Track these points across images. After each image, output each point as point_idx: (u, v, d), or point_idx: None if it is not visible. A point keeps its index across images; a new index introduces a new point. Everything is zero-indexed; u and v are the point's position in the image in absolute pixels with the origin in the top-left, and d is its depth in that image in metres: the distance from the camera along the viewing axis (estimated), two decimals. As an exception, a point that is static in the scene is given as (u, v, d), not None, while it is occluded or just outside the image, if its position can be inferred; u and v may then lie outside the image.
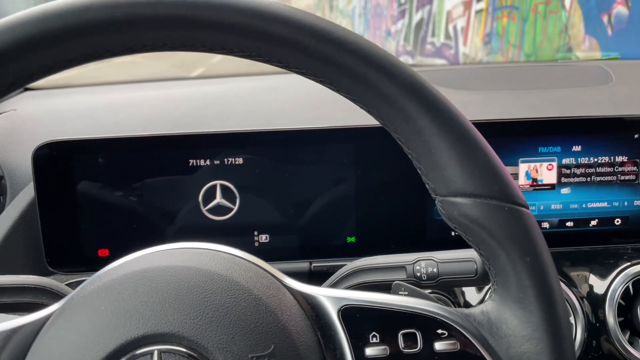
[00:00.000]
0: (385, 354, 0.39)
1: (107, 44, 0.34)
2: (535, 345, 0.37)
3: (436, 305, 0.40)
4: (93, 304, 0.37)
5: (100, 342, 0.35)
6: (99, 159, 0.69)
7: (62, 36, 0.33)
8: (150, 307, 0.36)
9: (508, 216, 0.37)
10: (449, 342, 0.39)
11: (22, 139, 0.80)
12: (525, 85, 0.90)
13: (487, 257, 0.38)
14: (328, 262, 0.73)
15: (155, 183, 0.70)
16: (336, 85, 0.37)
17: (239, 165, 0.70)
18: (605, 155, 0.73)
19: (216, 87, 0.98)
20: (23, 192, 0.74)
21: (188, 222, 0.71)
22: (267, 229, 0.72)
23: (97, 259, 0.70)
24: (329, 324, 0.40)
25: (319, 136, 0.71)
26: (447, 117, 0.37)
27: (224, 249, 0.42)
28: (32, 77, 0.34)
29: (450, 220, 0.38)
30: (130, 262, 0.41)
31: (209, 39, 0.35)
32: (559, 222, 0.74)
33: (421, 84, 0.36)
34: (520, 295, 0.37)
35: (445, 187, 0.37)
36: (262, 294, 0.38)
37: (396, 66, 0.36)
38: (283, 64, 0.37)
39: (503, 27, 2.80)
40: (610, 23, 1.81)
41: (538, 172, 0.73)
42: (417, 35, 4.28)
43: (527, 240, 0.37)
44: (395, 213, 0.73)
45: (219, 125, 0.79)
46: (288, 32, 0.35)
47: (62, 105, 0.92)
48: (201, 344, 0.35)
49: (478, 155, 0.37)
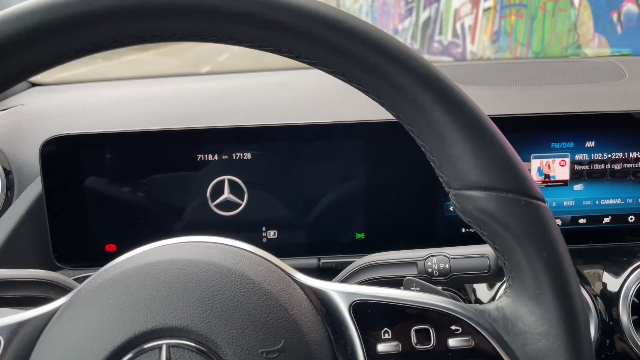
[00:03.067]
0: (397, 350, 0.39)
1: (116, 34, 0.34)
2: (553, 343, 0.36)
3: (450, 301, 0.39)
4: (100, 297, 0.36)
5: (107, 335, 0.34)
6: (106, 153, 0.69)
7: (70, 25, 0.32)
8: (159, 300, 0.35)
9: (524, 210, 0.36)
10: (463, 339, 0.38)
11: (30, 134, 0.79)
12: (536, 81, 0.89)
13: (502, 252, 0.38)
14: (337, 258, 0.72)
15: (163, 178, 0.70)
16: (347, 76, 0.36)
17: (247, 160, 0.70)
18: (619, 151, 0.72)
19: (225, 83, 0.97)
20: (30, 187, 0.73)
21: (196, 218, 0.71)
22: (276, 224, 0.72)
23: (105, 254, 0.70)
24: (340, 320, 0.39)
25: (328, 131, 0.70)
26: (462, 109, 0.36)
27: (233, 243, 0.42)
28: (40, 67, 0.34)
29: (465, 214, 0.38)
30: (138, 255, 0.40)
31: (219, 29, 0.34)
32: (571, 219, 0.73)
33: (435, 75, 0.36)
34: (536, 291, 0.36)
35: (459, 180, 0.37)
36: (272, 289, 0.38)
37: (410, 56, 0.35)
38: (293, 54, 0.36)
39: (511, 25, 2.79)
40: (620, 21, 1.80)
41: (550, 168, 0.72)
42: (425, 33, 4.27)
43: (544, 235, 0.36)
44: (405, 209, 0.72)
45: (227, 120, 0.79)
46: (298, 21, 0.34)
47: (70, 100, 0.92)
48: (210, 339, 0.34)
49: (494, 148, 0.36)
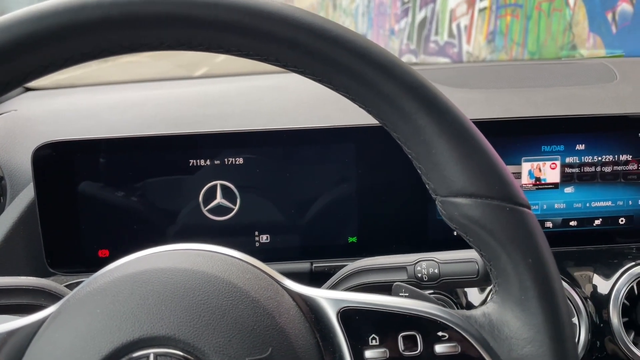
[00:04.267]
0: (385, 356, 0.39)
1: (104, 43, 0.34)
2: (537, 348, 0.36)
3: (437, 307, 0.40)
4: (88, 306, 0.37)
5: (95, 345, 0.34)
6: (99, 159, 0.69)
7: (58, 35, 0.32)
8: (146, 309, 0.35)
9: (509, 217, 0.36)
10: (450, 345, 0.38)
11: (23, 140, 0.79)
12: (528, 84, 0.90)
13: (488, 258, 0.38)
14: (329, 262, 0.72)
15: (156, 183, 0.70)
16: (335, 84, 0.37)
17: (239, 165, 0.70)
18: (610, 153, 0.72)
19: (218, 87, 0.97)
20: (23, 193, 0.73)
21: (188, 223, 0.71)
22: (268, 229, 0.72)
23: (98, 260, 0.70)
24: (328, 326, 0.39)
25: (320, 135, 0.70)
26: (447, 116, 0.36)
27: (221, 250, 0.42)
28: (29, 77, 0.34)
29: (451, 220, 0.38)
30: (127, 264, 0.40)
31: (207, 38, 0.35)
32: (562, 222, 0.73)
33: (420, 82, 0.36)
34: (521, 297, 0.37)
35: (445, 187, 0.37)
36: (260, 296, 0.38)
37: (395, 64, 0.36)
38: (281, 63, 0.36)
39: (507, 25, 2.79)
40: (614, 20, 1.80)
41: (541, 171, 0.72)
42: (421, 33, 4.27)
43: (529, 241, 0.37)
44: (397, 213, 0.72)
45: (220, 125, 0.79)
46: (285, 30, 0.34)
47: (63, 105, 0.92)
48: (198, 347, 0.34)
49: (479, 155, 0.36)
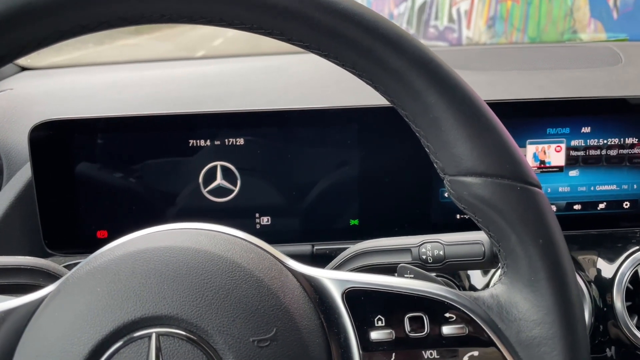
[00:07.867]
0: (391, 337, 0.38)
1: (102, 15, 0.33)
2: (547, 330, 0.35)
3: (444, 289, 0.39)
4: (89, 285, 0.36)
5: (96, 324, 0.33)
6: (96, 138, 0.68)
7: (56, 7, 0.31)
8: (148, 288, 0.35)
9: (520, 196, 0.36)
10: (457, 326, 0.38)
11: (19, 119, 0.78)
12: (532, 66, 0.89)
13: (497, 238, 0.37)
14: (331, 245, 0.72)
15: (155, 163, 0.69)
16: (341, 60, 0.36)
17: (240, 146, 0.69)
18: (615, 136, 0.71)
19: (218, 67, 0.96)
20: (20, 173, 0.72)
21: (188, 204, 0.70)
22: (269, 211, 0.71)
23: (96, 241, 0.69)
24: (333, 307, 0.39)
25: (321, 116, 0.69)
26: (458, 93, 0.35)
27: (224, 230, 0.41)
28: (25, 50, 0.33)
29: (459, 200, 0.37)
30: (128, 242, 0.39)
31: (209, 11, 0.34)
32: (566, 205, 0.73)
33: (431, 58, 0.35)
34: (531, 278, 0.36)
35: (454, 166, 0.36)
36: (264, 276, 0.37)
37: (404, 39, 0.35)
38: (285, 37, 0.35)
39: (507, 10, 2.77)
40: (616, 6, 1.78)
41: (546, 154, 0.71)
42: (420, 18, 4.24)
43: (540, 222, 0.36)
44: (400, 195, 0.72)
45: (221, 105, 0.78)
46: (290, 2, 0.33)
47: (61, 85, 0.90)
48: (201, 327, 0.34)
49: (490, 133, 0.35)
